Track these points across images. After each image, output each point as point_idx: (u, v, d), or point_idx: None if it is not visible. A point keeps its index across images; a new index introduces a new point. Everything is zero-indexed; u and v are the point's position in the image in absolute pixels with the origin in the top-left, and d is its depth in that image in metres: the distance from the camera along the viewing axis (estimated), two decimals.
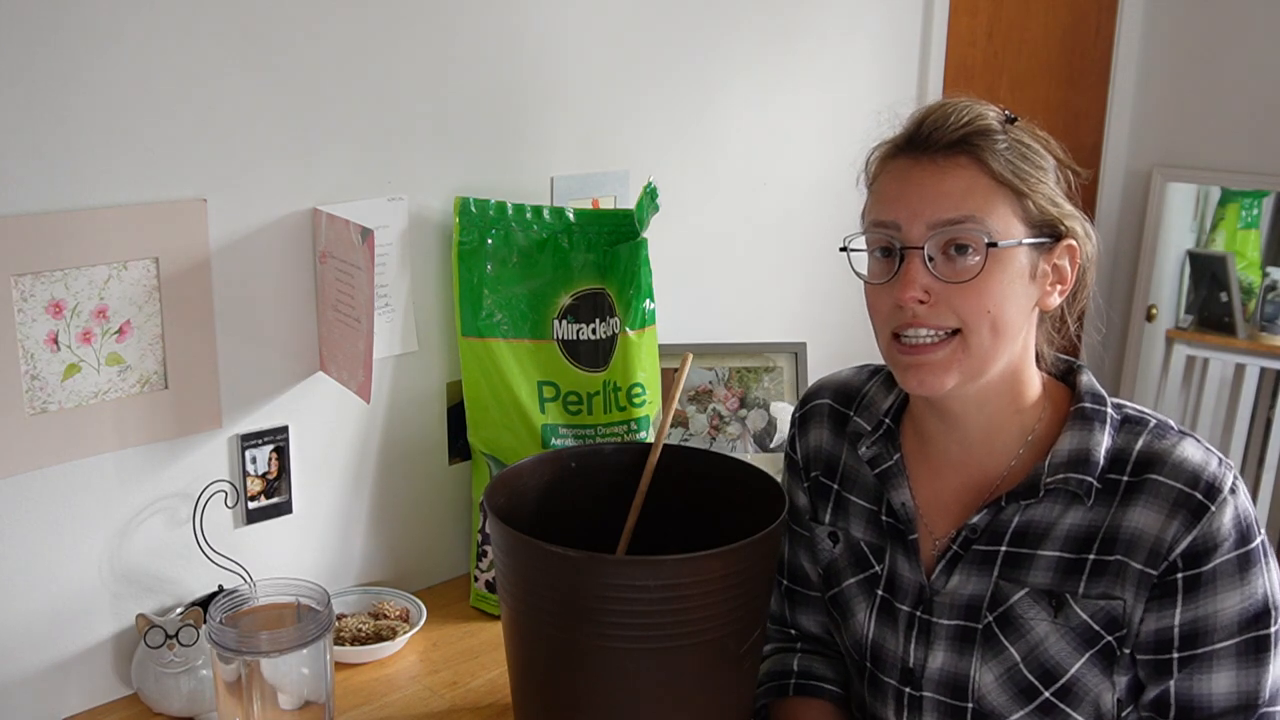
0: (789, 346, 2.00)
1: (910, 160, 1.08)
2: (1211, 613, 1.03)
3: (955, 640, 1.13)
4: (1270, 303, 3.01)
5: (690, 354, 1.44)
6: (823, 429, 1.28)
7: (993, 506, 1.11)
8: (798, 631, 1.32)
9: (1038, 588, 1.09)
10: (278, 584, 1.28)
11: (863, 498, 1.23)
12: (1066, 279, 1.11)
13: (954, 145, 1.06)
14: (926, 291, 1.05)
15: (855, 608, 1.21)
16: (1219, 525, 1.03)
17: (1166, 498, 1.05)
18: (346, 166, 1.52)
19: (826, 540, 1.25)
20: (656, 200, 1.62)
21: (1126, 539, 1.06)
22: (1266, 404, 3.01)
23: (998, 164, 1.06)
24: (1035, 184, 1.07)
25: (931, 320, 1.06)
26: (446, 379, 1.69)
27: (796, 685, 1.26)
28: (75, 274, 1.29)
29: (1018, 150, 1.08)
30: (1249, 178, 2.81)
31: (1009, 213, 1.06)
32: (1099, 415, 1.11)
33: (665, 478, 1.34)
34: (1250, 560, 1.03)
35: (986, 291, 1.05)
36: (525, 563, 1.14)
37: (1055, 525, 1.09)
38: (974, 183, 1.06)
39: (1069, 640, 1.08)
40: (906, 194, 1.07)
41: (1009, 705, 1.10)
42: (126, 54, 1.29)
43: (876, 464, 1.20)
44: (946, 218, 1.05)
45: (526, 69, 1.70)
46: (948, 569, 1.13)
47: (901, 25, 2.40)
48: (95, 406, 1.33)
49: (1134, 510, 1.06)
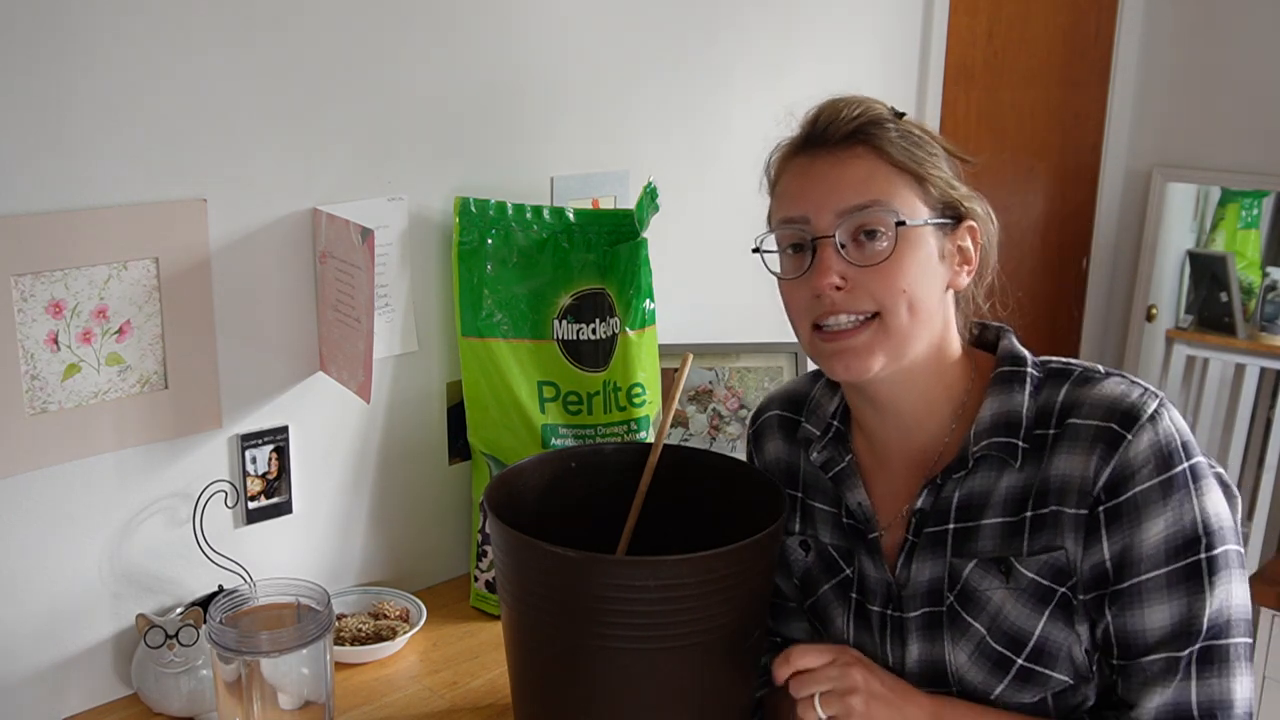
0: (789, 346, 2.00)
1: (809, 157, 1.11)
2: (1137, 542, 1.02)
3: (925, 630, 1.14)
4: (1270, 303, 3.02)
5: (690, 354, 1.44)
6: (776, 440, 1.30)
7: (931, 486, 1.12)
8: (782, 639, 1.33)
9: (985, 556, 1.09)
10: (278, 584, 1.28)
11: (824, 502, 1.24)
12: (971, 259, 1.14)
13: (850, 136, 1.09)
14: (842, 277, 1.08)
15: (833, 614, 1.22)
16: (1136, 452, 1.02)
17: (1086, 436, 1.05)
18: (346, 166, 1.52)
19: (799, 550, 1.26)
20: (656, 200, 1.62)
21: (1057, 487, 1.06)
22: (1266, 404, 3.01)
23: (893, 150, 1.09)
24: (930, 168, 1.10)
25: (849, 305, 1.08)
26: (446, 379, 1.69)
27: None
28: (75, 274, 1.29)
29: (910, 138, 1.10)
30: (1249, 178, 2.81)
31: (911, 195, 1.09)
32: (1018, 376, 1.12)
33: (665, 478, 1.34)
34: (1173, 485, 1.02)
35: (900, 271, 1.07)
36: (525, 563, 1.14)
37: (993, 492, 1.10)
38: (874, 169, 1.08)
39: (1024, 603, 1.08)
40: (809, 188, 1.10)
41: (988, 680, 1.10)
42: (126, 54, 1.29)
43: (829, 467, 1.21)
44: (853, 204, 1.08)
45: (526, 69, 1.70)
46: (908, 559, 1.14)
47: (901, 25, 2.40)
48: (95, 406, 1.33)
49: (1059, 457, 1.06)
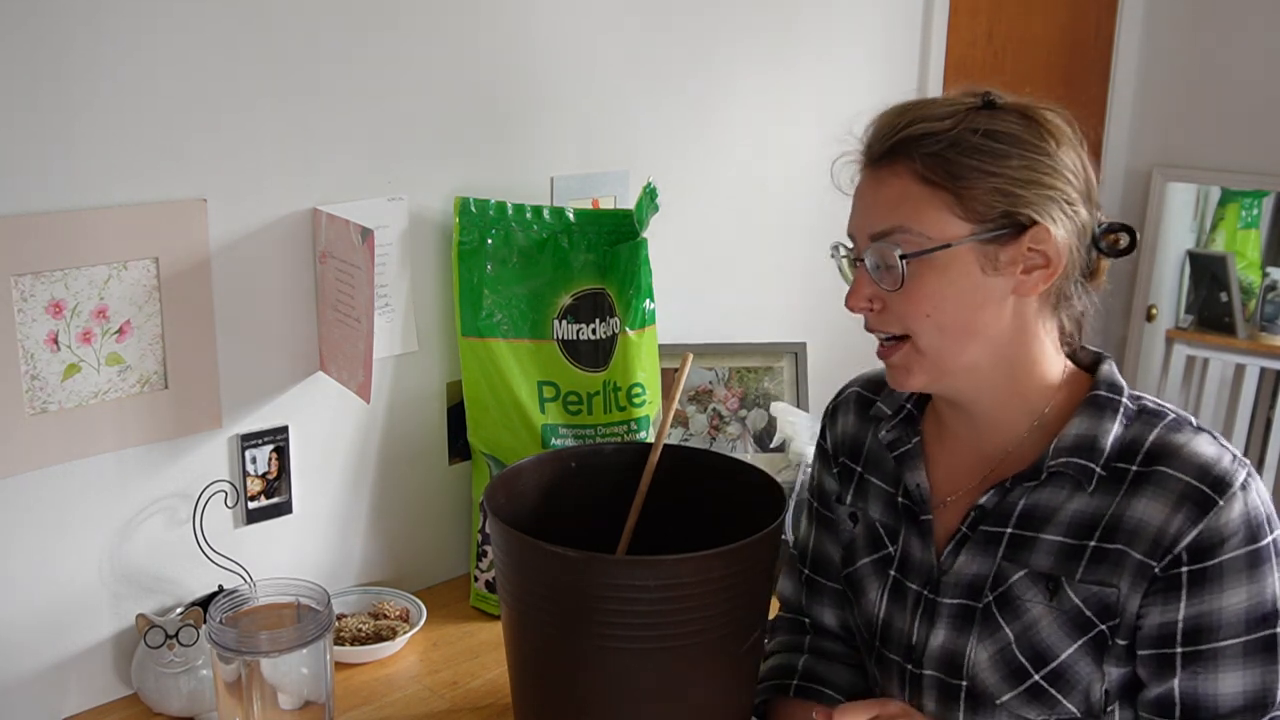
0: (789, 346, 2.00)
1: (862, 171, 1.13)
2: (1217, 609, 1.03)
3: (956, 619, 1.14)
4: (1270, 303, 3.01)
5: (690, 354, 1.44)
6: (849, 415, 1.31)
7: (999, 488, 1.13)
8: (811, 620, 1.33)
9: (1036, 570, 1.09)
10: (278, 584, 1.28)
11: (882, 480, 1.24)
12: (1049, 262, 1.07)
13: (889, 153, 1.08)
14: (873, 300, 1.10)
15: (868, 587, 1.23)
16: (1227, 520, 1.02)
17: (1173, 490, 1.04)
18: (346, 166, 1.52)
19: (847, 520, 1.27)
20: (656, 200, 1.62)
21: (1130, 528, 1.06)
22: (1266, 404, 3.01)
23: (928, 167, 1.05)
24: (980, 178, 1.04)
25: (880, 326, 1.11)
26: (446, 379, 1.69)
27: (798, 687, 1.26)
28: (75, 274, 1.29)
29: (964, 145, 1.04)
30: (1249, 178, 2.81)
31: (946, 213, 1.05)
32: (1112, 404, 1.11)
33: (665, 478, 1.34)
34: (1260, 558, 1.03)
35: (921, 297, 1.07)
36: (525, 563, 1.14)
37: (1060, 510, 1.10)
38: (906, 189, 1.07)
39: (1062, 624, 1.08)
40: (856, 207, 1.13)
41: (1000, 685, 1.11)
42: (127, 54, 1.29)
43: (895, 447, 1.22)
44: (878, 229, 1.08)
45: (526, 69, 1.70)
46: (956, 549, 1.15)
47: (901, 25, 2.40)
48: (95, 406, 1.33)
49: (1140, 500, 1.06)
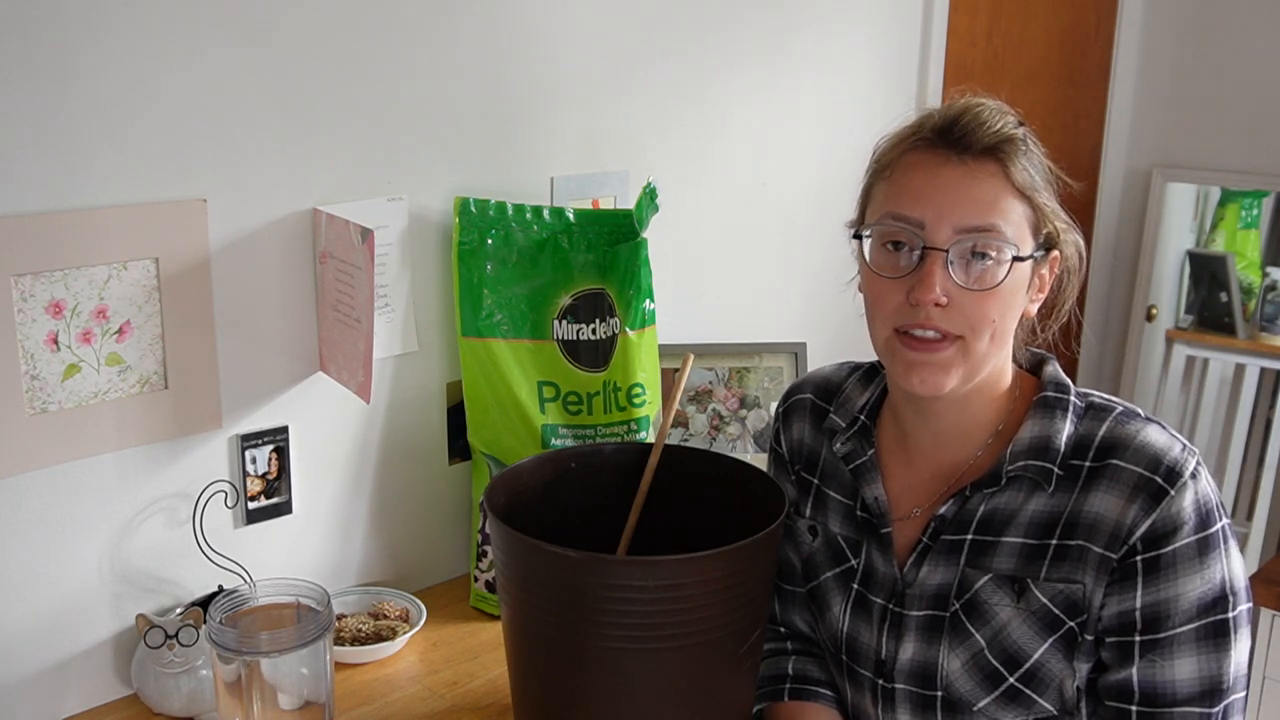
0: (789, 346, 2.00)
1: (939, 159, 1.06)
2: (1171, 596, 1.04)
3: (925, 630, 1.14)
4: (1270, 303, 3.01)
5: (691, 354, 1.44)
6: (804, 423, 1.30)
7: (958, 496, 1.13)
8: (788, 630, 1.33)
9: (1001, 573, 1.10)
10: (277, 584, 1.28)
11: (840, 493, 1.24)
12: (1046, 287, 1.13)
13: (987, 150, 1.06)
14: (945, 295, 1.05)
15: (831, 601, 1.23)
16: (1179, 508, 1.04)
17: (1127, 482, 1.06)
18: (346, 166, 1.52)
19: (806, 534, 1.27)
20: (656, 200, 1.62)
21: (1088, 523, 1.07)
22: (1266, 404, 3.01)
23: (1019, 174, 1.06)
24: (1044, 197, 1.08)
25: (943, 324, 1.06)
26: (446, 379, 1.69)
27: (792, 690, 1.26)
28: (75, 274, 1.29)
29: (1033, 161, 1.08)
30: (1249, 178, 2.81)
31: (1024, 224, 1.07)
32: (1061, 403, 1.12)
33: (665, 478, 1.34)
34: (1209, 545, 1.04)
35: (999, 302, 1.06)
36: (525, 563, 1.14)
37: (1019, 512, 1.11)
38: (1000, 191, 1.06)
39: (1031, 625, 1.09)
40: (933, 193, 1.06)
41: (975, 692, 1.11)
42: (126, 54, 1.29)
43: (850, 459, 1.22)
44: (975, 224, 1.04)
45: (526, 69, 1.70)
46: (918, 560, 1.15)
47: (901, 25, 2.40)
48: (95, 406, 1.33)
49: (1095, 495, 1.07)
